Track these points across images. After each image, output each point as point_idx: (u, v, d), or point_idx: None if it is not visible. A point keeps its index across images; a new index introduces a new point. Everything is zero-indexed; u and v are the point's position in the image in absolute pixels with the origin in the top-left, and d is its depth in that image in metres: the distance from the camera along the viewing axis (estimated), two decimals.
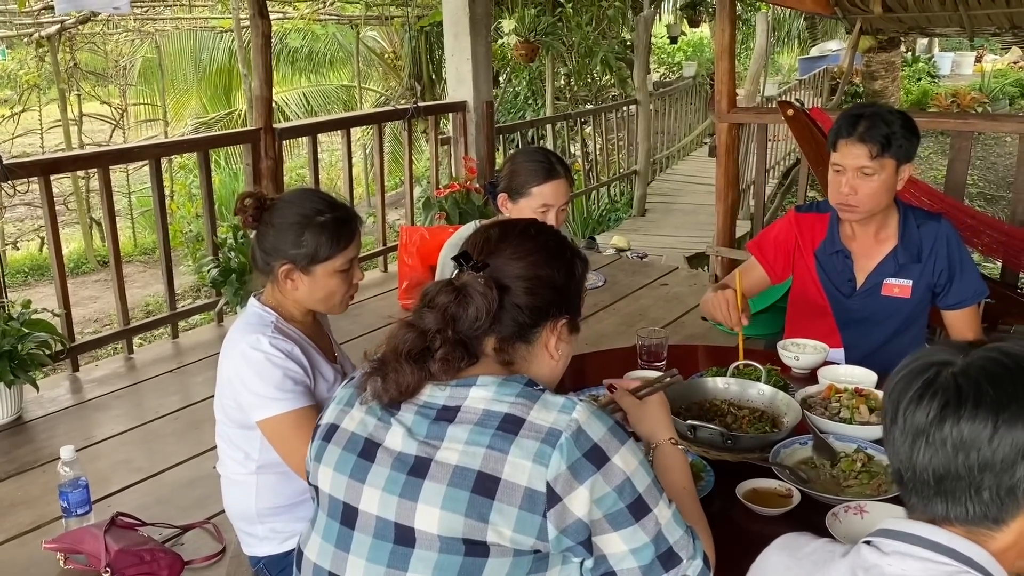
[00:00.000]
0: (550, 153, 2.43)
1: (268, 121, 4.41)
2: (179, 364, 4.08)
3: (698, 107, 11.90)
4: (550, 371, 1.30)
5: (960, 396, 0.92)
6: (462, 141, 5.59)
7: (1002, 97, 14.74)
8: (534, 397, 1.17)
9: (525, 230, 1.30)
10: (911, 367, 0.98)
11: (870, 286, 2.29)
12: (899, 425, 0.96)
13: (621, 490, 1.13)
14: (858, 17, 7.20)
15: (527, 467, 1.10)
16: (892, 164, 2.13)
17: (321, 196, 1.86)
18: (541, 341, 1.27)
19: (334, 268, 1.79)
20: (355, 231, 1.83)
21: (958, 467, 0.92)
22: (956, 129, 4.34)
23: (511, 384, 1.18)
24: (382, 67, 12.42)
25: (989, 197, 10.97)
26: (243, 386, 1.74)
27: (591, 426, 1.14)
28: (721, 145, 4.92)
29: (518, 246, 1.26)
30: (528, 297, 1.23)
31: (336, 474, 1.22)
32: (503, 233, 1.29)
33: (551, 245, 1.29)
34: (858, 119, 2.13)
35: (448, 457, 1.13)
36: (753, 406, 1.90)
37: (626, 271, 5.47)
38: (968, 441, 0.91)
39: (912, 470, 0.95)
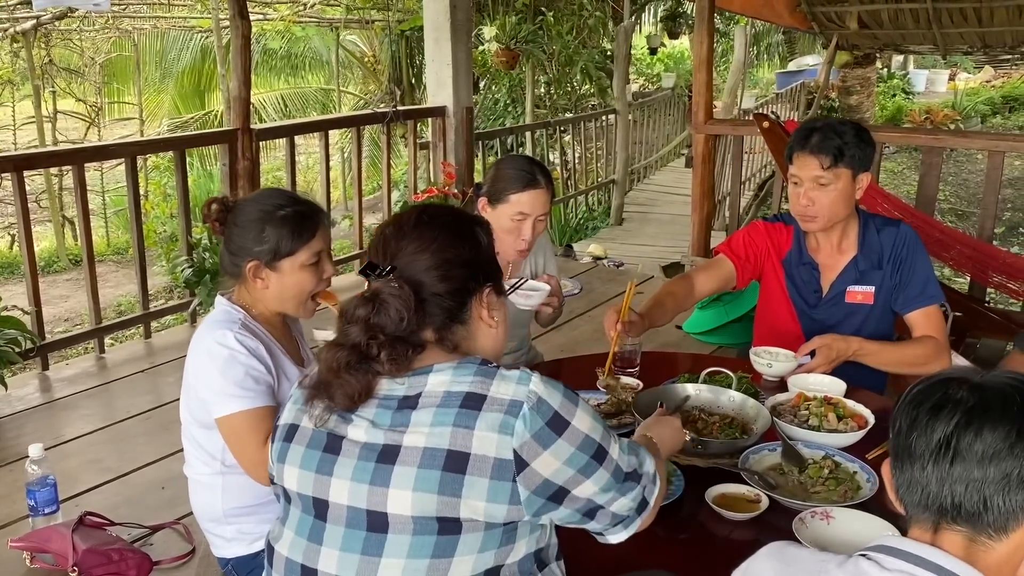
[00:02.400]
0: (535, 163, 2.41)
1: (245, 122, 4.39)
2: (151, 364, 4.05)
3: (676, 118, 11.99)
4: (494, 340, 1.35)
5: (981, 408, 0.95)
6: (441, 146, 5.60)
7: (974, 115, 15.01)
8: (491, 374, 1.21)
9: (419, 220, 1.31)
10: (928, 383, 1.01)
11: (834, 295, 2.33)
12: (916, 432, 0.98)
13: (584, 445, 1.20)
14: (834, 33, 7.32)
15: (494, 438, 1.15)
16: (847, 174, 2.17)
17: (283, 192, 1.85)
18: (474, 316, 1.30)
19: (300, 262, 1.77)
20: (318, 224, 1.80)
21: (973, 477, 0.94)
22: (928, 145, 4.42)
23: (466, 366, 1.22)
24: (361, 71, 12.41)
25: (960, 213, 11.13)
26: (205, 381, 1.73)
27: (549, 394, 1.20)
28: (698, 156, 4.97)
29: (418, 238, 1.27)
30: (444, 283, 1.26)
31: (302, 471, 1.24)
32: (398, 230, 1.30)
33: (449, 224, 1.31)
34: (811, 132, 2.18)
35: (416, 440, 1.16)
36: (723, 412, 1.93)
37: (602, 279, 5.49)
38: (986, 453, 0.93)
39: (925, 479, 0.97)
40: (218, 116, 10.73)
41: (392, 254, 1.27)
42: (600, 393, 2.11)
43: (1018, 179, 11.51)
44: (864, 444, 1.82)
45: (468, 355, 1.28)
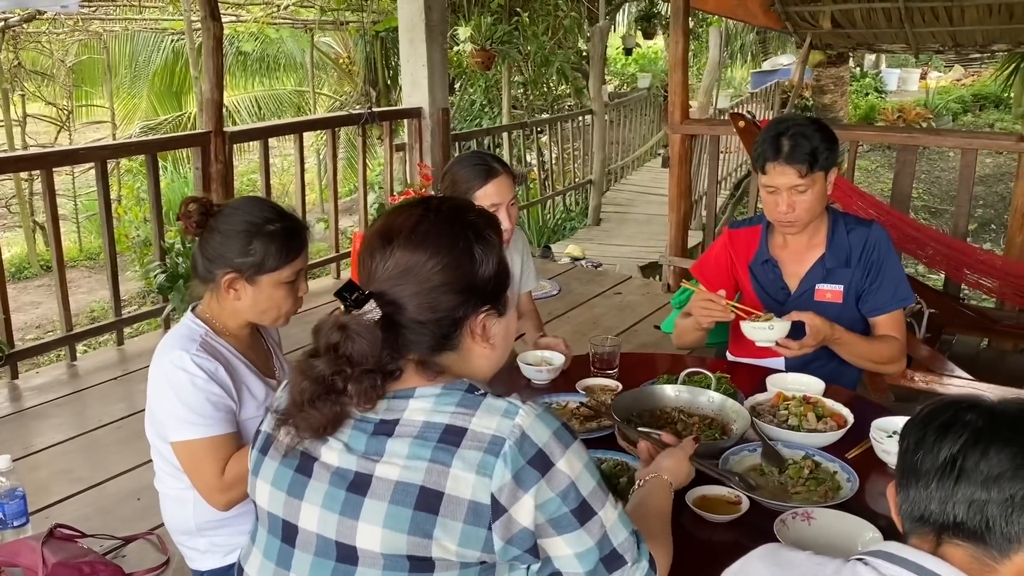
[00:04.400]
0: (484, 154, 2.42)
1: (218, 125, 4.34)
2: (124, 371, 3.99)
3: (652, 118, 12.03)
4: (488, 362, 1.22)
5: (989, 430, 0.95)
6: (417, 148, 5.57)
7: (946, 113, 15.18)
8: (475, 404, 1.11)
9: (413, 232, 1.15)
10: (939, 404, 1.02)
11: (802, 292, 2.33)
12: (923, 451, 0.98)
13: (565, 495, 1.09)
14: (808, 32, 7.37)
15: (470, 479, 1.06)
16: (821, 176, 2.18)
17: (271, 205, 1.80)
18: (466, 342, 1.18)
19: (280, 279, 1.73)
20: (304, 242, 1.76)
21: (976, 497, 0.94)
22: (902, 143, 4.44)
23: (451, 393, 1.13)
24: (336, 72, 12.34)
25: (933, 210, 11.26)
26: (161, 405, 1.69)
27: (535, 430, 1.10)
28: (674, 156, 4.97)
29: (407, 257, 1.14)
30: (430, 313, 1.13)
31: (273, 490, 1.18)
32: (385, 242, 1.16)
33: (447, 242, 1.15)
34: (780, 139, 2.16)
35: (388, 472, 1.08)
36: (703, 413, 1.92)
37: (580, 280, 5.49)
38: (991, 474, 0.93)
39: (928, 497, 0.97)
40: (192, 118, 10.63)
41: (373, 272, 1.15)
42: (579, 395, 2.10)
43: (989, 176, 11.65)
44: (844, 443, 1.82)
45: (457, 378, 1.17)
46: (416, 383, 1.14)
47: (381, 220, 1.22)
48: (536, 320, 2.71)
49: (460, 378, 1.16)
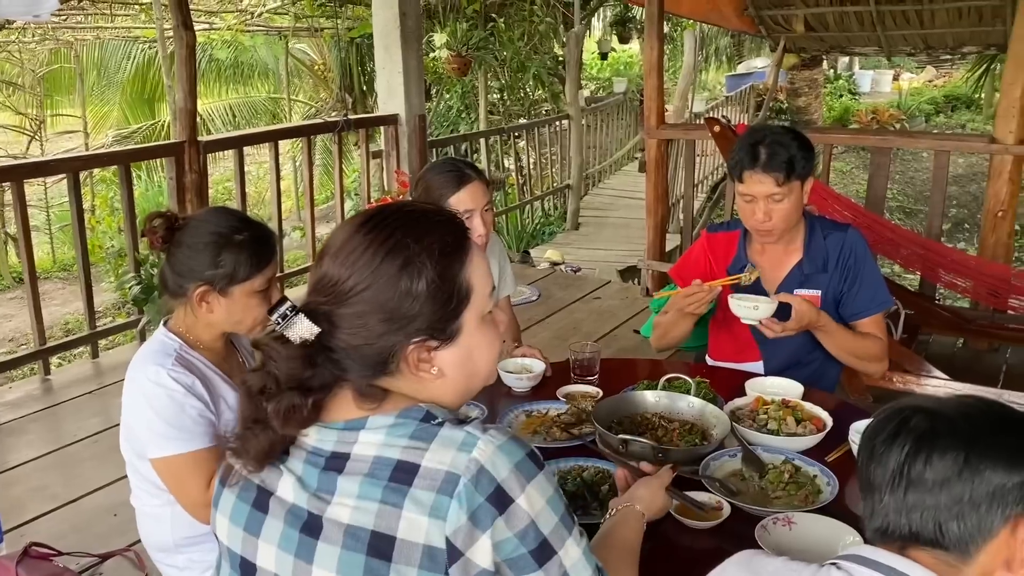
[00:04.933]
0: (457, 160, 2.42)
1: (192, 134, 4.30)
2: (99, 385, 3.94)
3: (629, 123, 12.08)
4: (445, 390, 1.12)
5: (930, 435, 0.96)
6: (394, 154, 5.55)
7: (918, 114, 15.36)
8: (429, 436, 1.03)
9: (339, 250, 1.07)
10: (885, 414, 1.02)
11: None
12: (874, 464, 0.99)
13: (524, 535, 1.01)
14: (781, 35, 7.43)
15: (423, 523, 0.99)
16: (798, 184, 2.19)
17: (237, 214, 1.78)
18: (406, 370, 1.08)
19: (253, 288, 1.71)
20: (274, 250, 1.75)
21: (932, 502, 0.94)
22: (875, 146, 4.49)
23: (404, 424, 1.05)
24: (312, 79, 12.28)
25: (908, 211, 11.38)
26: (140, 421, 1.67)
27: (495, 464, 1.01)
28: (651, 161, 4.99)
29: (333, 275, 1.07)
30: (358, 338, 1.05)
31: (232, 525, 1.12)
32: (321, 253, 1.11)
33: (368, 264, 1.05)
34: (757, 147, 2.16)
35: (340, 514, 1.02)
36: (683, 419, 1.92)
37: (560, 285, 5.49)
38: (939, 478, 0.94)
39: (886, 505, 0.98)
40: (166, 126, 10.54)
41: (313, 283, 1.09)
42: (560, 403, 2.09)
43: (961, 176, 11.79)
44: (823, 447, 1.83)
45: (414, 402, 1.08)
46: (363, 411, 1.07)
47: (334, 229, 1.15)
48: (514, 328, 2.70)
49: (416, 403, 1.08)
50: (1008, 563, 0.95)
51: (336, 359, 1.06)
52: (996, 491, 0.93)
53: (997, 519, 0.93)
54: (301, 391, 1.04)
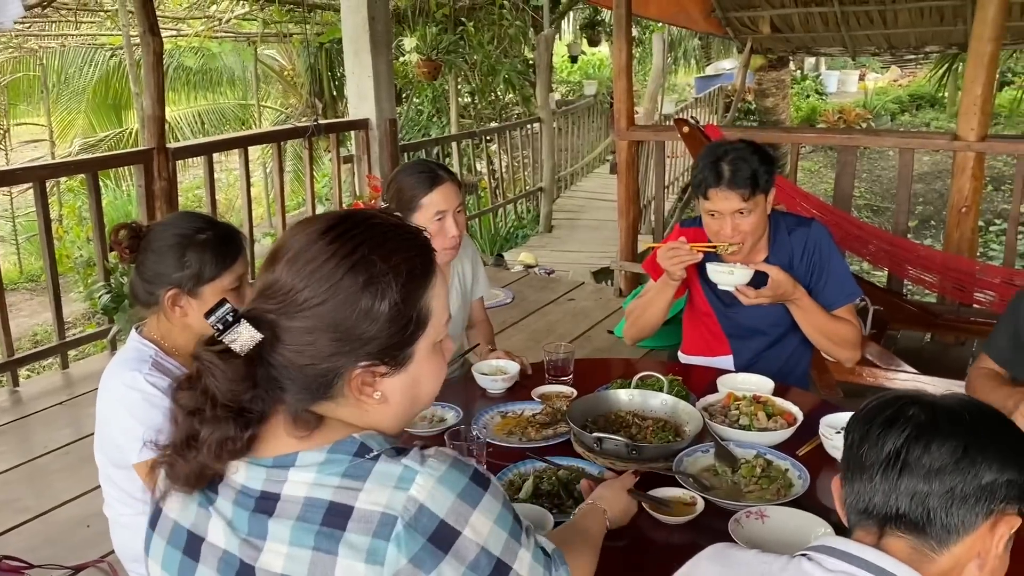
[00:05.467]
0: (429, 161, 2.44)
1: (160, 141, 4.27)
2: (69, 396, 3.89)
3: (599, 125, 12.13)
4: (386, 417, 1.04)
5: (932, 424, 0.98)
6: (365, 159, 5.54)
7: (884, 113, 15.59)
8: (363, 473, 0.96)
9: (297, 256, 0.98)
10: (883, 400, 1.04)
11: None
12: (867, 445, 1.01)
13: (476, 564, 0.96)
14: (748, 37, 7.51)
15: (360, 569, 0.92)
16: (762, 198, 2.21)
17: (200, 216, 1.79)
18: (348, 395, 1.01)
19: (223, 287, 1.71)
20: (240, 247, 1.75)
21: (919, 490, 0.96)
22: (842, 144, 4.55)
23: (336, 461, 0.97)
24: (282, 84, 12.22)
25: (876, 208, 11.53)
26: (119, 427, 1.66)
27: (435, 499, 0.94)
28: (621, 163, 5.02)
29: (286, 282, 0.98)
30: (303, 356, 0.97)
31: (164, 573, 1.05)
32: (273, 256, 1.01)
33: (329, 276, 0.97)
34: (720, 164, 2.18)
35: (272, 563, 0.95)
36: (656, 416, 1.94)
37: (534, 287, 5.51)
38: (935, 466, 0.96)
39: (872, 490, 0.99)
40: (134, 134, 10.43)
41: (262, 288, 1.00)
42: (535, 403, 2.10)
43: (927, 174, 11.98)
44: (794, 441, 1.85)
45: (348, 429, 1.00)
46: (293, 443, 0.99)
47: (290, 227, 1.05)
48: (487, 330, 2.71)
49: (352, 431, 1.00)
50: (980, 557, 0.97)
51: (274, 377, 0.97)
52: (986, 486, 0.95)
53: (981, 513, 0.96)
54: (238, 419, 0.95)
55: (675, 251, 2.23)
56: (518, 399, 2.15)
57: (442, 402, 2.10)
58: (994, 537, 0.97)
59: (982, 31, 3.79)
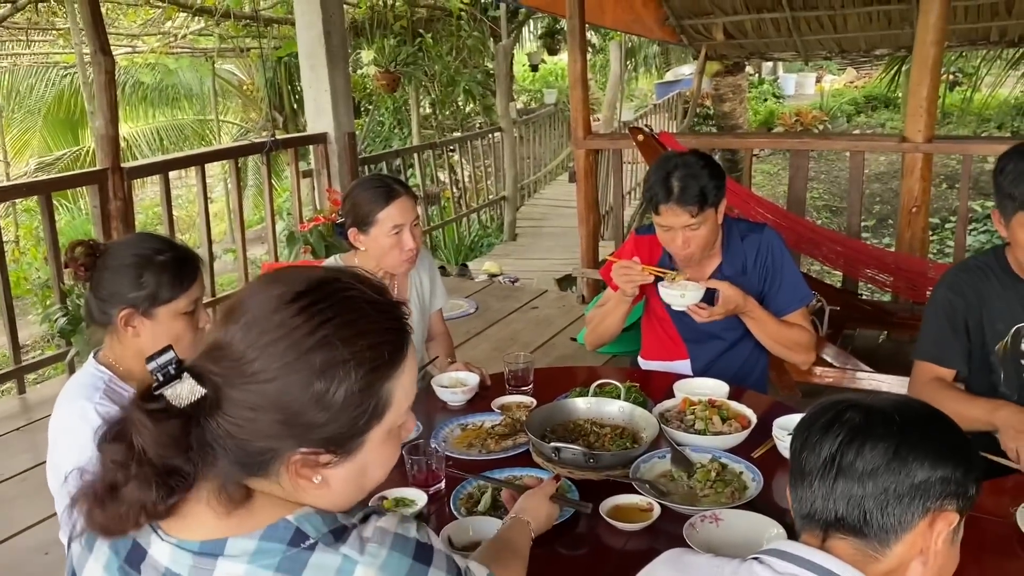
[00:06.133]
0: (385, 176, 2.48)
1: (115, 161, 4.22)
2: (27, 421, 3.82)
3: (561, 133, 12.20)
4: (324, 500, 0.95)
5: (865, 427, 1.00)
6: (325, 173, 5.52)
7: (840, 115, 15.83)
8: (299, 566, 0.88)
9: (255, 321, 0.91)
10: (821, 406, 1.07)
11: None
12: (806, 452, 1.03)
13: None
14: (702, 44, 7.60)
15: None
16: (712, 211, 2.25)
17: (158, 237, 1.79)
18: (284, 475, 0.93)
19: (178, 310, 1.69)
20: (197, 270, 1.74)
21: (860, 491, 0.99)
22: (794, 148, 4.63)
23: (268, 551, 0.89)
24: (241, 99, 12.13)
25: (834, 209, 11.69)
26: (64, 457, 1.65)
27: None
28: (580, 171, 5.06)
29: (238, 346, 0.90)
30: (240, 428, 0.89)
31: None
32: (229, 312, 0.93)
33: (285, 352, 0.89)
34: (669, 180, 2.21)
35: None
36: (614, 423, 1.96)
37: (497, 296, 5.52)
38: (868, 468, 0.98)
39: (813, 495, 1.02)
40: (91, 153, 10.29)
41: (211, 345, 0.92)
42: (495, 414, 2.12)
43: (884, 173, 12.19)
44: (749, 444, 1.89)
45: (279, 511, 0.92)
46: (219, 522, 0.91)
47: (256, 282, 0.98)
48: (447, 343, 2.72)
49: (282, 512, 0.91)
50: (924, 554, 1.00)
51: (207, 442, 0.89)
52: (920, 484, 0.98)
53: (917, 512, 0.98)
54: (162, 482, 0.88)
55: (627, 271, 2.27)
56: (478, 411, 2.16)
57: None
58: (933, 533, 0.99)
59: (925, 35, 3.88)
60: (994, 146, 6.38)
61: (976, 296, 2.03)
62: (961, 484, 0.99)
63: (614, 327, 2.46)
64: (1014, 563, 1.50)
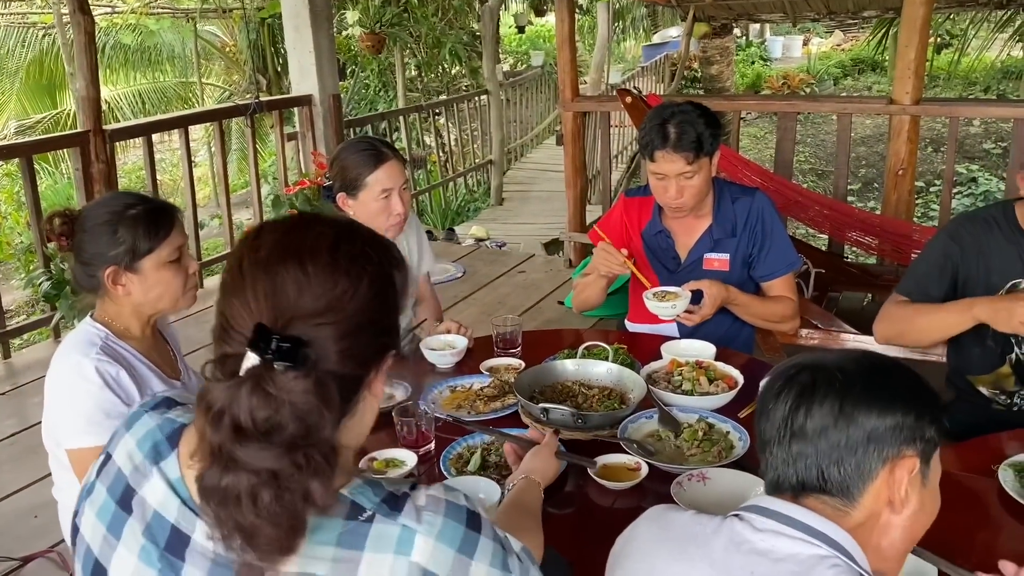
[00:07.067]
0: (373, 138, 2.45)
1: (97, 123, 4.17)
2: (12, 386, 3.81)
3: (548, 96, 12.10)
4: (372, 415, 0.98)
5: (810, 388, 1.01)
6: (310, 136, 5.47)
7: (827, 78, 15.76)
8: (360, 538, 0.88)
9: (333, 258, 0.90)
10: (775, 372, 1.07)
11: (692, 262, 2.42)
12: (764, 419, 1.05)
13: None
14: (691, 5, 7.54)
15: None
16: (707, 160, 2.26)
17: (131, 193, 1.80)
18: (363, 400, 0.95)
19: (161, 259, 1.71)
20: (173, 218, 1.74)
21: (813, 450, 1.00)
22: (781, 111, 4.61)
23: (327, 527, 0.88)
24: (224, 61, 11.95)
25: (820, 172, 11.69)
26: (58, 411, 1.67)
27: (437, 560, 0.90)
28: (567, 134, 5.03)
29: (331, 293, 0.88)
30: (350, 361, 0.89)
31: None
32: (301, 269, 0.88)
33: (375, 275, 0.92)
34: (666, 126, 2.21)
35: None
36: (602, 385, 1.98)
37: (484, 261, 5.52)
38: (817, 427, 0.99)
39: (776, 457, 1.03)
40: (72, 115, 10.13)
41: (289, 311, 0.87)
42: (484, 376, 2.12)
43: (870, 137, 12.19)
44: (736, 404, 1.90)
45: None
46: None
47: (272, 238, 0.92)
48: (435, 306, 2.71)
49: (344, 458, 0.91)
50: (891, 503, 1.01)
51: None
52: (871, 435, 0.99)
53: (875, 462, 0.99)
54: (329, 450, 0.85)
55: (608, 256, 2.30)
56: (467, 373, 2.17)
57: (391, 379, 2.12)
58: (895, 480, 1.00)
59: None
60: (981, 108, 6.44)
61: (976, 247, 2.03)
62: (914, 428, 1.00)
63: (595, 297, 2.52)
64: (997, 520, 1.53)
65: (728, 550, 1.01)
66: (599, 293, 2.49)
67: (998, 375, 2.11)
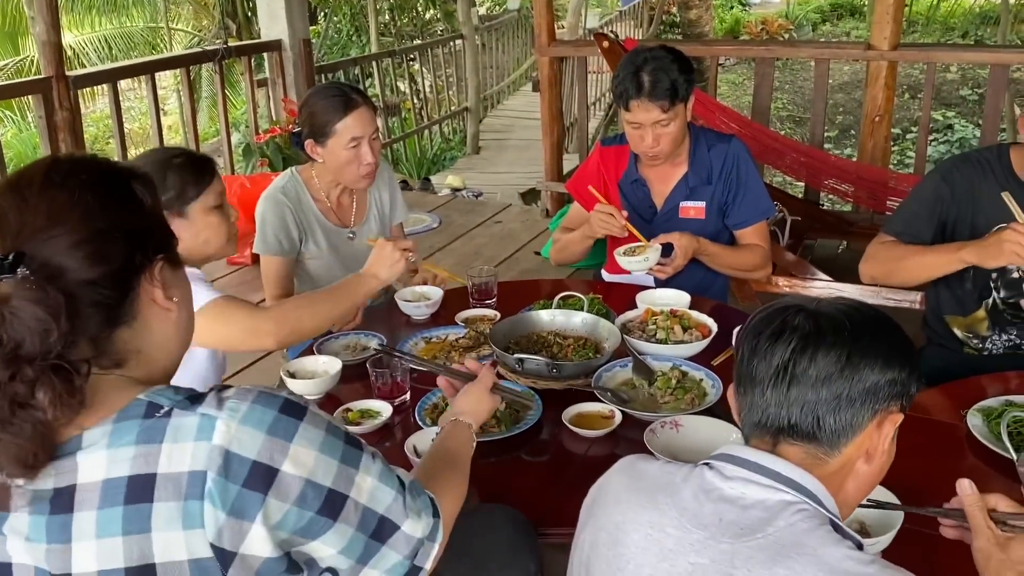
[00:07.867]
0: (343, 85, 2.40)
1: (59, 69, 4.04)
2: None
3: (525, 41, 11.91)
4: (176, 330, 1.01)
5: (816, 334, 1.00)
6: (280, 82, 5.36)
7: (806, 23, 15.64)
8: (158, 432, 0.88)
9: (47, 181, 0.93)
10: (768, 311, 1.06)
11: (668, 210, 2.42)
12: (757, 359, 1.03)
13: (303, 499, 0.91)
14: None
15: (179, 538, 0.86)
16: (682, 106, 2.24)
17: (169, 147, 1.97)
18: (143, 307, 0.96)
19: (207, 205, 1.82)
20: (214, 166, 1.88)
21: (814, 397, 1.00)
22: (759, 56, 4.57)
23: (124, 427, 0.88)
24: (193, 5, 11.65)
25: (798, 120, 11.67)
26: None
27: (242, 442, 0.88)
28: (544, 80, 4.96)
29: (49, 207, 0.90)
30: (99, 265, 0.90)
31: None
32: (18, 198, 0.92)
33: (94, 182, 0.94)
34: (640, 75, 2.18)
35: (85, 563, 0.86)
36: (577, 334, 1.98)
37: (461, 211, 5.48)
38: (822, 375, 0.99)
39: (765, 403, 1.02)
40: (35, 63, 9.86)
41: (14, 233, 0.89)
42: (459, 328, 2.11)
43: (848, 83, 12.15)
44: (709, 352, 1.91)
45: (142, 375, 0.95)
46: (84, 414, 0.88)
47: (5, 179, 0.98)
48: None
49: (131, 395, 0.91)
50: (869, 454, 1.03)
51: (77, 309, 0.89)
52: (870, 388, 0.99)
53: (867, 414, 1.00)
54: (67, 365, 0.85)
55: (608, 219, 2.27)
56: (442, 324, 2.16)
57: (365, 330, 2.10)
58: (880, 434, 1.02)
59: None
60: (959, 53, 6.43)
61: (967, 189, 2.02)
62: (905, 384, 1.02)
63: (578, 255, 2.54)
64: (965, 463, 1.55)
65: (698, 497, 1.02)
66: (583, 252, 2.50)
67: (974, 318, 2.14)
